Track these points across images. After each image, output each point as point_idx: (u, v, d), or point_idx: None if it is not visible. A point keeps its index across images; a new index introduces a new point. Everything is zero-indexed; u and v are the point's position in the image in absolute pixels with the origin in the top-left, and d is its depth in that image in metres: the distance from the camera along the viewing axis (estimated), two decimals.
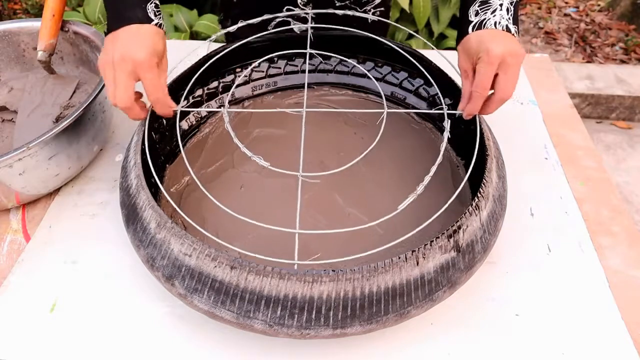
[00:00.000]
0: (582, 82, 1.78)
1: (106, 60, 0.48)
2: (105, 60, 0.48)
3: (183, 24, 1.34)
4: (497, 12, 0.50)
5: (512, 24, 0.50)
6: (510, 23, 0.50)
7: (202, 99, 0.65)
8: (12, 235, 0.56)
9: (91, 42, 0.66)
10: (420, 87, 0.65)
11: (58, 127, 0.52)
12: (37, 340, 0.47)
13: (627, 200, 1.48)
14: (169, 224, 0.43)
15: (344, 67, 0.69)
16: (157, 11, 0.50)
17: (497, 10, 0.50)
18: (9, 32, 0.69)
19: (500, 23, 0.50)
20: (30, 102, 0.66)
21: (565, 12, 2.34)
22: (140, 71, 0.47)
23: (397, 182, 0.58)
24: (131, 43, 0.47)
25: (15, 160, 0.50)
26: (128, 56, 0.46)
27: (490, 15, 0.50)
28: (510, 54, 0.48)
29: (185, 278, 0.41)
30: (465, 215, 0.43)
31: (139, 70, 0.47)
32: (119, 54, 0.47)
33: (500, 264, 0.52)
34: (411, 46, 0.65)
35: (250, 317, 0.39)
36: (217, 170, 0.60)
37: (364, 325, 0.39)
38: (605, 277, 0.51)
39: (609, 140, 1.70)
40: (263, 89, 0.69)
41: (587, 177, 0.62)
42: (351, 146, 0.63)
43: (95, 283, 0.51)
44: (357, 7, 0.70)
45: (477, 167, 0.51)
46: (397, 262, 0.39)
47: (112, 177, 0.62)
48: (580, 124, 0.70)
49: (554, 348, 0.45)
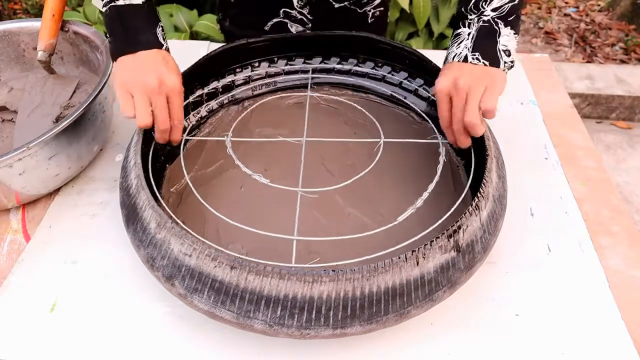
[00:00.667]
0: (582, 82, 1.78)
1: (133, 84, 0.48)
2: (132, 83, 0.48)
3: (183, 24, 1.34)
4: (462, 43, 0.51)
5: (471, 52, 0.50)
6: (470, 51, 0.50)
7: (202, 99, 0.65)
8: (12, 235, 0.56)
9: (91, 42, 0.66)
10: (420, 87, 0.65)
11: (58, 127, 0.52)
12: (37, 340, 0.47)
13: (627, 200, 1.48)
14: (169, 224, 0.42)
15: (343, 67, 0.69)
16: (163, 35, 0.52)
17: (463, 41, 0.51)
18: (9, 32, 0.69)
19: (460, 54, 0.50)
20: (30, 102, 0.66)
21: (565, 12, 2.34)
22: (172, 95, 0.50)
23: (397, 182, 0.58)
24: (161, 67, 0.49)
25: (15, 160, 0.50)
26: (163, 81, 0.49)
27: (454, 48, 0.52)
28: (455, 84, 0.49)
29: (185, 278, 0.41)
30: (465, 215, 0.43)
31: (171, 94, 0.50)
32: (154, 79, 0.48)
33: (500, 264, 0.52)
34: (411, 46, 0.65)
35: (250, 317, 0.39)
36: (217, 170, 0.60)
37: (364, 325, 0.39)
38: (605, 277, 0.51)
39: (609, 140, 1.70)
40: (263, 89, 0.69)
41: (587, 177, 0.62)
42: (351, 146, 0.63)
43: (95, 283, 0.51)
44: (357, 7, 0.70)
45: (477, 167, 0.51)
46: (397, 262, 0.39)
47: (112, 177, 0.62)
48: (580, 124, 0.70)
49: (554, 348, 0.45)
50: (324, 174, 0.59)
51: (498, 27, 0.50)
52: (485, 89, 0.48)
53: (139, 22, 0.50)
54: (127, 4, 0.49)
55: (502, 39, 0.50)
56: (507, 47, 0.50)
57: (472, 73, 0.49)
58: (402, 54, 0.64)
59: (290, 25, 0.70)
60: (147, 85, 0.48)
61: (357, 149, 0.62)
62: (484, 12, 0.50)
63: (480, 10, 0.50)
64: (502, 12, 0.49)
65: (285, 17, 0.69)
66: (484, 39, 0.50)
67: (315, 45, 0.67)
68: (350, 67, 0.69)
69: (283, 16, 0.69)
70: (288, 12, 0.68)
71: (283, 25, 0.70)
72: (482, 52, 0.49)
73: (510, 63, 0.50)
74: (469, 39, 0.50)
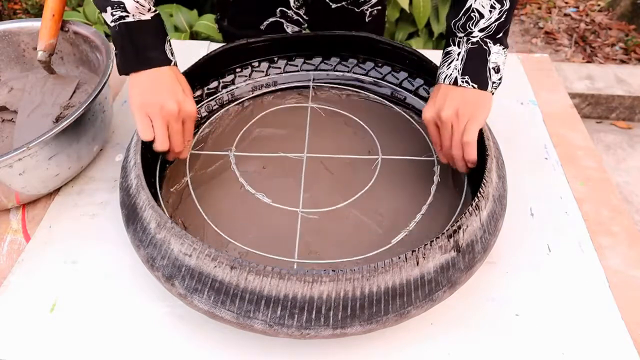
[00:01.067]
0: (582, 82, 1.78)
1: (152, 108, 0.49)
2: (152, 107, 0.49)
3: (183, 24, 1.34)
4: (452, 64, 0.50)
5: (460, 75, 0.49)
6: (459, 74, 0.50)
7: (202, 98, 0.65)
8: (12, 235, 0.56)
9: (91, 42, 0.66)
10: (420, 87, 0.65)
11: (58, 127, 0.52)
12: (37, 340, 0.47)
13: (627, 200, 1.48)
14: (169, 224, 0.42)
15: (343, 67, 0.69)
16: (171, 49, 0.53)
17: (453, 61, 0.50)
18: (9, 32, 0.69)
19: (450, 76, 0.50)
20: (30, 102, 0.66)
21: (565, 12, 2.34)
22: (187, 120, 0.53)
23: (397, 182, 0.58)
24: (178, 91, 0.51)
25: (15, 160, 0.50)
26: (182, 107, 0.51)
27: (444, 69, 0.51)
28: (439, 116, 0.50)
29: (185, 278, 0.41)
30: (465, 215, 0.43)
31: (187, 119, 0.52)
32: (173, 105, 0.50)
33: (500, 264, 0.52)
34: (411, 46, 0.65)
35: (250, 317, 0.39)
36: (217, 170, 0.60)
37: (364, 325, 0.39)
38: (605, 277, 0.51)
39: (609, 140, 1.70)
40: (263, 89, 0.69)
41: (587, 177, 0.62)
42: (351, 146, 0.63)
43: (95, 283, 0.51)
44: (354, 7, 0.70)
45: (477, 167, 0.51)
46: (397, 262, 0.39)
47: (112, 177, 0.62)
48: (580, 124, 0.70)
49: (554, 348, 0.45)
50: (322, 172, 0.59)
51: (487, 46, 0.49)
52: (468, 121, 0.49)
53: (148, 39, 0.50)
54: (136, 20, 0.49)
55: (492, 57, 0.49)
56: (497, 64, 0.50)
57: (458, 100, 0.49)
58: (402, 54, 0.64)
59: (286, 25, 0.70)
60: (166, 111, 0.50)
61: (356, 147, 0.62)
62: (472, 32, 0.49)
63: (467, 30, 0.49)
64: (489, 32, 0.49)
65: (281, 17, 0.69)
66: (473, 61, 0.49)
67: (315, 45, 0.67)
68: (350, 67, 0.69)
69: (279, 16, 0.69)
70: (285, 12, 0.68)
71: (279, 25, 0.70)
72: (471, 75, 0.49)
73: (498, 81, 0.50)
74: (459, 60, 0.50)
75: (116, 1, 0.48)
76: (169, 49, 0.52)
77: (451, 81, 0.50)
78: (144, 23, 0.50)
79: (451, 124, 0.50)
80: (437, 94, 0.51)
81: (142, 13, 0.49)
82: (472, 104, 0.49)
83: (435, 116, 0.51)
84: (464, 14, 0.48)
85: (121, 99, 0.74)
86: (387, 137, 0.63)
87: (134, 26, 0.49)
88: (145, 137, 0.50)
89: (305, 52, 0.68)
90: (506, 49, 0.50)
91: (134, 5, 0.48)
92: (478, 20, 0.48)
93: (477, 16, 0.48)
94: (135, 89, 0.50)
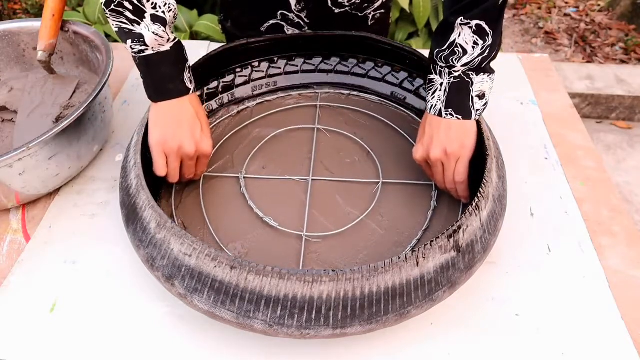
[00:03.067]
0: (582, 82, 1.78)
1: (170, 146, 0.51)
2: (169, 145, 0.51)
3: (183, 24, 1.34)
4: (436, 94, 0.51)
5: (444, 107, 0.50)
6: (443, 106, 0.50)
7: (202, 98, 0.65)
8: (12, 235, 0.56)
9: (91, 42, 0.66)
10: (420, 87, 0.65)
11: (58, 127, 0.52)
12: (37, 340, 0.47)
13: (627, 200, 1.48)
14: (169, 224, 0.43)
15: (343, 67, 0.69)
16: (190, 77, 0.53)
17: (436, 91, 0.51)
18: (9, 32, 0.69)
19: (435, 107, 0.51)
20: (30, 102, 0.66)
21: (565, 12, 2.34)
22: (202, 157, 0.54)
23: (396, 181, 0.58)
24: (197, 129, 0.52)
25: (15, 160, 0.50)
26: (199, 147, 0.52)
27: (429, 97, 0.52)
28: (428, 157, 0.51)
29: (185, 278, 0.41)
30: (465, 215, 0.43)
31: (202, 157, 0.54)
32: (191, 145, 0.51)
33: (500, 264, 0.52)
34: (411, 46, 0.65)
35: (250, 317, 0.39)
36: (217, 170, 0.60)
37: (364, 325, 0.39)
38: (605, 277, 0.51)
39: (609, 140, 1.70)
40: (263, 88, 0.69)
41: (587, 177, 0.62)
42: (351, 146, 0.63)
43: (95, 283, 0.51)
44: (358, 12, 0.70)
45: (477, 167, 0.51)
46: (397, 262, 0.39)
47: (112, 177, 0.62)
48: (580, 124, 0.70)
49: (554, 348, 0.45)
50: (322, 172, 0.59)
51: (470, 78, 0.49)
52: (458, 161, 0.50)
53: (167, 71, 0.50)
54: (155, 52, 0.49)
55: (475, 86, 0.49)
56: (482, 91, 0.49)
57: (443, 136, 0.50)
58: (402, 54, 0.64)
59: (287, 28, 0.70)
60: (183, 152, 0.51)
61: (356, 149, 0.62)
62: (454, 67, 0.48)
63: (450, 64, 0.48)
64: (472, 66, 0.48)
65: (282, 20, 0.69)
66: (456, 94, 0.49)
67: (315, 45, 0.67)
68: (350, 67, 0.69)
69: (280, 18, 0.69)
70: (285, 15, 0.68)
71: (279, 27, 0.70)
72: (455, 107, 0.49)
73: (483, 107, 0.50)
74: (442, 91, 0.50)
75: (136, 34, 0.48)
76: (189, 77, 0.52)
77: (436, 112, 0.50)
78: (163, 55, 0.50)
79: (441, 162, 0.51)
80: (424, 131, 0.52)
81: (162, 44, 0.49)
82: (457, 140, 0.49)
83: (425, 156, 0.52)
84: (448, 47, 0.48)
85: (121, 99, 0.74)
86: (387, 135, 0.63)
87: (153, 59, 0.49)
88: (160, 173, 0.52)
89: (305, 52, 0.68)
90: (492, 74, 0.50)
91: (152, 38, 0.48)
92: (461, 55, 0.47)
93: (460, 51, 0.47)
94: (156, 121, 0.51)
